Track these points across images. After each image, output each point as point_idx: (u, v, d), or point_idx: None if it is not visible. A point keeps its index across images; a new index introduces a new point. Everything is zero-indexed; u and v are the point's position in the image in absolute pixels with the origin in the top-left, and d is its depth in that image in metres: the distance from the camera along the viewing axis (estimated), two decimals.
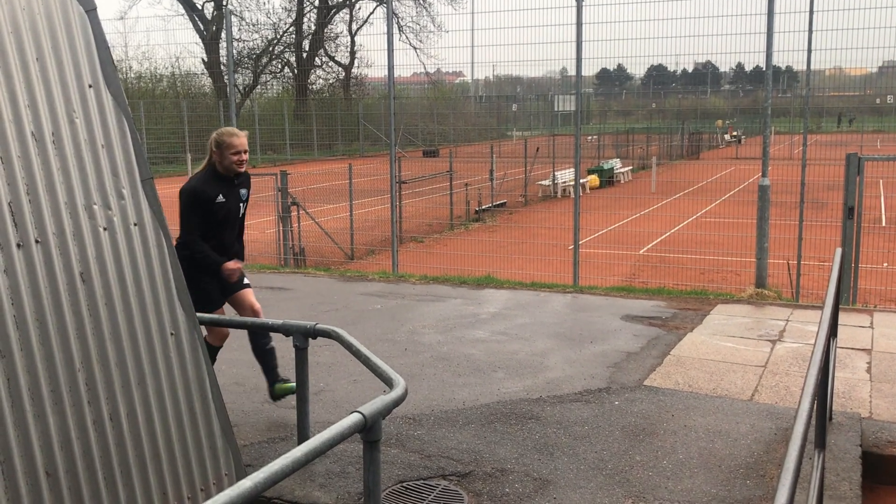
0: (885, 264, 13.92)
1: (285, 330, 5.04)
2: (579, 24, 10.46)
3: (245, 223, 5.99)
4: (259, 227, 18.85)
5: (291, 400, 5.98)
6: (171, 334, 4.08)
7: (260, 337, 5.91)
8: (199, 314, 5.15)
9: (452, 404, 5.96)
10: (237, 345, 7.51)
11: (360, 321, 8.37)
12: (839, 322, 8.21)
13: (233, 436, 4.49)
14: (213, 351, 5.78)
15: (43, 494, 3.39)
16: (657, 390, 6.21)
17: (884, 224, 19.22)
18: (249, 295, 5.96)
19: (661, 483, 4.65)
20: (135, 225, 3.94)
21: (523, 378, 6.53)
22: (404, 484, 4.78)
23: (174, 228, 4.74)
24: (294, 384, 5.33)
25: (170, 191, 6.81)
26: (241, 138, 5.55)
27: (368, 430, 3.53)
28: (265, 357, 5.93)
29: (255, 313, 5.88)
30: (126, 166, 3.95)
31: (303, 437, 5.18)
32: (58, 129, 3.68)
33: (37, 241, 3.51)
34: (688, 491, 4.55)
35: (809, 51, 10.90)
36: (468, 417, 5.69)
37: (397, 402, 3.72)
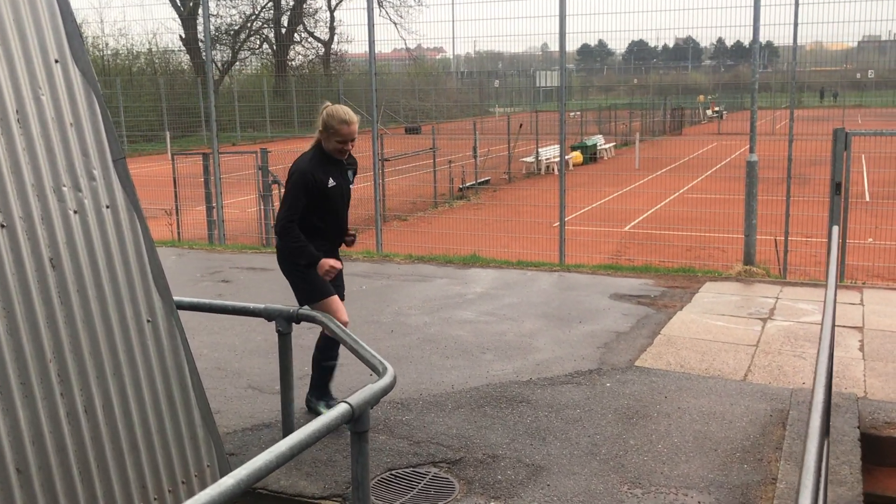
0: (871, 240, 13.87)
1: (267, 314, 4.86)
2: None
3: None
4: (239, 205, 18.59)
5: (275, 384, 5.81)
6: (148, 321, 3.89)
7: (328, 349, 5.39)
8: (315, 310, 4.73)
9: (441, 388, 5.82)
10: (218, 327, 7.34)
11: (345, 303, 8.19)
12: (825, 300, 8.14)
13: (214, 424, 4.32)
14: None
15: (14, 493, 3.21)
16: (649, 371, 6.09)
17: (867, 199, 19.21)
18: (342, 306, 5.43)
19: (657, 468, 4.53)
20: (107, 207, 3.73)
21: (512, 360, 6.39)
22: (393, 472, 4.63)
23: (148, 209, 4.53)
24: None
25: (148, 169, 6.61)
26: (350, 127, 4.99)
27: (356, 421, 3.37)
28: (322, 372, 5.41)
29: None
30: (97, 146, 3.74)
31: (287, 424, 5.02)
32: (22, 106, 3.46)
33: (2, 226, 3.31)
34: (684, 476, 4.43)
35: (796, 24, 10.76)
36: (457, 401, 5.54)
37: (386, 391, 3.57)
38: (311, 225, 5.11)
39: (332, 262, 5.09)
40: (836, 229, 4.68)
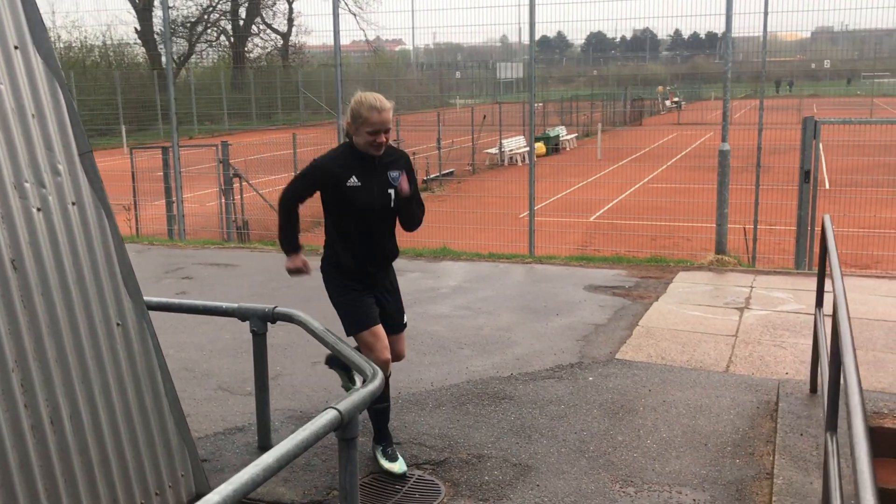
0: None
1: (241, 314, 4.64)
2: None
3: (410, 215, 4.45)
4: (199, 199, 18.20)
5: (248, 385, 5.60)
6: (118, 324, 3.66)
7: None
8: (350, 334, 4.30)
9: (420, 386, 5.64)
10: (183, 326, 7.08)
11: (315, 299, 7.94)
12: (799, 288, 8.11)
13: (188, 431, 4.10)
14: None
15: None
16: (630, 364, 5.97)
17: (827, 187, 19.38)
18: (402, 339, 4.63)
19: (648, 465, 4.41)
20: (73, 204, 3.49)
21: (491, 355, 6.23)
22: (375, 475, 4.45)
23: (115, 203, 4.27)
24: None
25: (103, 164, 6.29)
26: (382, 114, 4.16)
27: (345, 428, 3.19)
28: (377, 416, 4.54)
29: (396, 358, 4.60)
30: (61, 139, 3.48)
31: (262, 427, 4.81)
32: None
33: None
34: (676, 473, 4.31)
35: (766, 13, 10.76)
36: (438, 399, 5.37)
37: (374, 395, 3.38)
38: (342, 232, 4.38)
39: (295, 263, 4.47)
40: (827, 217, 4.58)
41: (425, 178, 19.77)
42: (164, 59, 13.15)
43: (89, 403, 3.47)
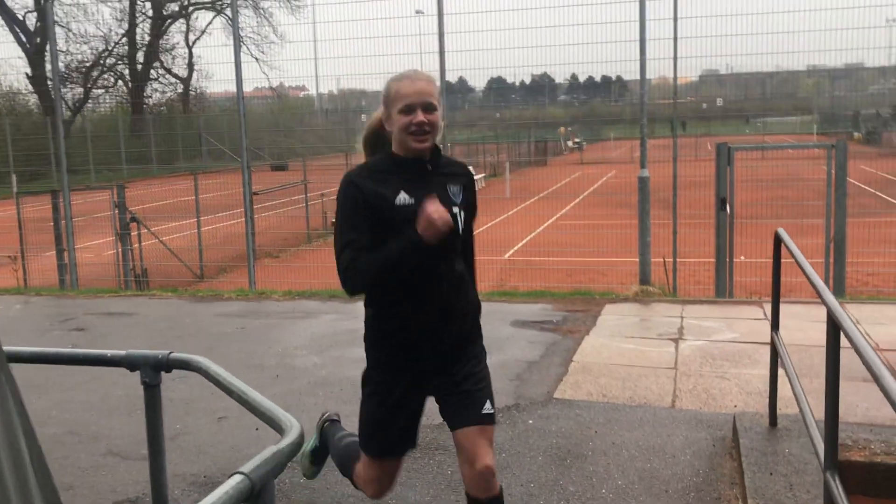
0: (742, 257, 13.93)
1: (130, 363, 3.87)
2: (441, 34, 9.86)
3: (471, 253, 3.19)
4: (95, 249, 17.03)
5: (143, 448, 4.79)
6: None
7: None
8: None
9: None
10: (71, 382, 6.20)
11: (220, 346, 7.19)
12: (730, 316, 7.77)
13: None
14: None
15: None
16: (571, 403, 5.43)
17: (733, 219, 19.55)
18: (482, 438, 2.95)
19: None
20: None
21: None
22: None
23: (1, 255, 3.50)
24: None
25: None
26: (416, 83, 2.88)
27: (258, 497, 2.50)
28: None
29: (480, 475, 2.92)
30: None
31: (158, 498, 4.02)
32: None
33: None
34: None
35: (675, 58, 10.64)
36: None
37: (293, 453, 2.69)
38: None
39: (434, 210, 2.72)
40: (781, 231, 4.17)
41: (334, 220, 19.03)
42: (55, 105, 12.31)
43: None
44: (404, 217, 2.81)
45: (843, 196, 8.76)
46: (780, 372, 5.68)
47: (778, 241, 4.25)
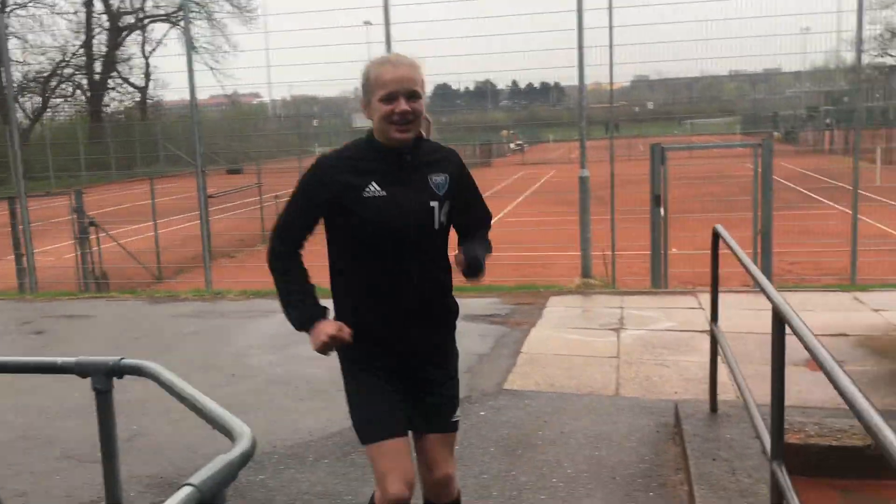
0: (674, 249, 14.02)
1: (80, 370, 3.62)
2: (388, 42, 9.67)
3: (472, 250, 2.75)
4: (55, 252, 16.46)
5: (97, 451, 4.54)
6: None
7: None
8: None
9: (298, 436, 4.74)
10: (27, 386, 5.87)
11: (175, 347, 6.91)
12: (667, 306, 7.74)
13: None
14: None
15: None
16: (520, 394, 5.30)
17: (661, 213, 19.71)
18: (445, 447, 2.79)
19: None
20: None
21: None
22: None
23: None
24: None
25: None
26: (397, 69, 2.57)
27: None
28: None
29: (439, 482, 2.78)
30: None
31: (112, 502, 3.80)
32: None
33: None
34: None
35: (611, 65, 10.60)
36: (319, 451, 4.50)
37: (244, 462, 2.48)
38: (357, 273, 2.71)
39: (330, 329, 2.58)
40: (719, 227, 4.10)
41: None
42: (9, 114, 11.88)
43: None
44: (372, 208, 2.58)
45: (770, 191, 8.81)
46: (717, 357, 5.63)
47: (716, 236, 4.17)
